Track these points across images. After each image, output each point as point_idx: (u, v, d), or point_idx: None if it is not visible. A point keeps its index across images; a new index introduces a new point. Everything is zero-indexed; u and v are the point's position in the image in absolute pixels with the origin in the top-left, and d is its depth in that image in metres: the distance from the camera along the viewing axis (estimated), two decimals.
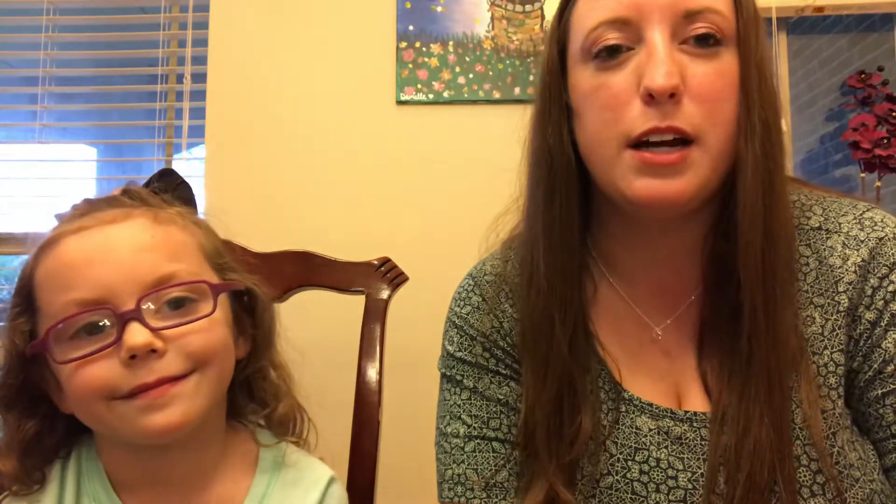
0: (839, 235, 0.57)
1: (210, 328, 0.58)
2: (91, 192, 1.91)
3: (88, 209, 0.60)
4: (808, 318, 0.55)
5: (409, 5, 1.62)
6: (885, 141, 1.62)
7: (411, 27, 1.61)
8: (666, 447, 0.56)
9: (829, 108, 1.94)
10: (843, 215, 0.58)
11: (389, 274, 1.01)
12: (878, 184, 1.66)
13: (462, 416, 0.64)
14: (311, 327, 1.50)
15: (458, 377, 0.66)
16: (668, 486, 0.56)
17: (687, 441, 0.56)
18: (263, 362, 0.67)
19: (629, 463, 0.57)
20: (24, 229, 1.75)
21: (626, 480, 0.57)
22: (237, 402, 0.67)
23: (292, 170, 1.61)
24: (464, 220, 1.52)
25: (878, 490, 0.53)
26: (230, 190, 1.60)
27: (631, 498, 0.56)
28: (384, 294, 1.00)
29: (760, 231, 0.53)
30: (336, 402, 1.07)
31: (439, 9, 1.61)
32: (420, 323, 1.09)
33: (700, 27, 0.52)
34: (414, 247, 1.46)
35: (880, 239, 0.56)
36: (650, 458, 0.56)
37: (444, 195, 1.58)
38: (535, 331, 0.60)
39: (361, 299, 1.01)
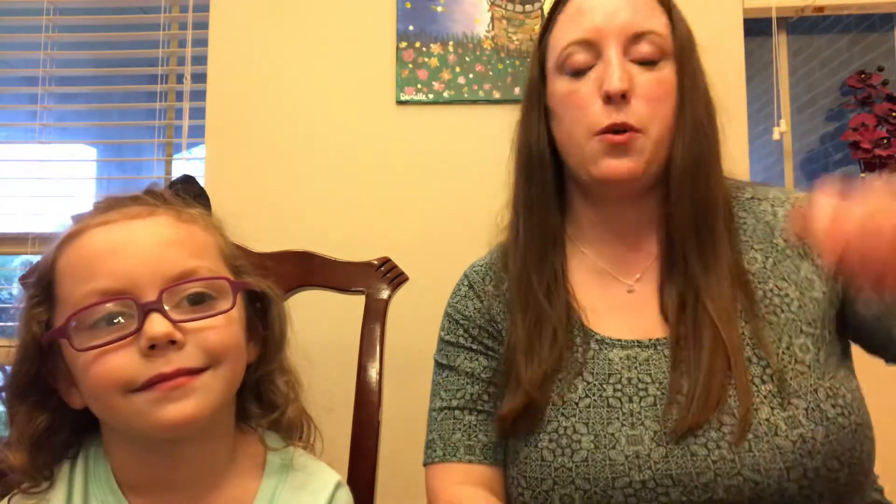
0: (767, 201, 0.75)
1: (227, 325, 0.59)
2: (91, 192, 1.92)
3: (112, 205, 0.61)
4: (752, 259, 0.71)
5: (409, 5, 1.62)
6: (885, 141, 1.62)
7: (411, 27, 1.61)
8: (636, 368, 0.69)
9: (829, 108, 1.94)
10: (768, 190, 0.76)
11: (389, 274, 1.01)
12: None
13: (440, 393, 0.78)
14: (311, 327, 1.49)
15: (443, 360, 0.80)
16: (640, 395, 0.68)
17: (653, 361, 0.69)
18: (273, 366, 0.67)
19: (604, 385, 0.69)
20: (24, 229, 1.75)
21: (603, 398, 0.68)
22: (245, 405, 0.66)
23: (292, 169, 1.61)
24: (464, 220, 1.52)
25: (827, 386, 0.64)
26: (230, 190, 1.60)
27: (607, 411, 0.68)
28: (384, 294, 1.00)
29: (689, 198, 0.70)
30: (336, 402, 1.07)
31: (439, 9, 1.61)
32: (420, 323, 1.09)
33: (643, 47, 0.69)
34: (414, 247, 1.46)
35: (797, 197, 0.75)
36: (622, 379, 0.69)
37: (444, 195, 1.58)
38: (519, 283, 0.75)
39: (361, 299, 1.01)
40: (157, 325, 0.54)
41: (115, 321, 0.55)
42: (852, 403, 0.64)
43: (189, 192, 0.67)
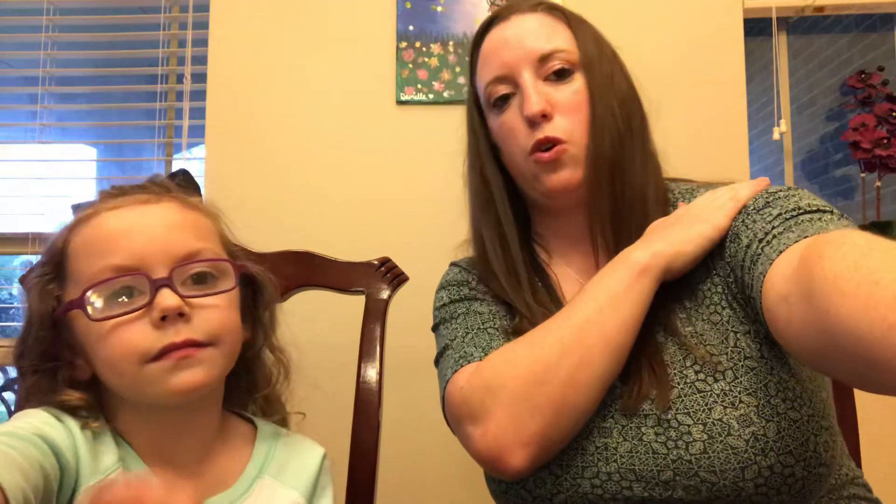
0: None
1: (227, 307, 0.64)
2: (91, 192, 1.92)
3: (121, 192, 0.66)
4: None
5: (409, 5, 1.62)
6: (885, 141, 1.62)
7: (411, 27, 1.61)
8: None
9: (829, 108, 1.94)
10: (714, 188, 0.75)
11: (389, 274, 1.01)
12: (878, 184, 1.66)
13: (462, 340, 0.75)
14: (311, 327, 1.50)
15: (449, 317, 0.80)
16: (609, 387, 0.69)
17: None
18: (264, 346, 0.73)
19: None
20: (24, 229, 1.75)
21: None
22: (237, 381, 0.71)
23: (292, 169, 1.61)
24: (464, 220, 1.52)
25: (776, 380, 0.64)
26: (230, 190, 1.60)
27: None
28: (384, 294, 1.00)
29: (606, 198, 0.74)
30: (336, 402, 1.07)
31: (439, 9, 1.61)
32: (420, 323, 1.09)
33: (553, 65, 0.75)
34: (414, 247, 1.46)
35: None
36: None
37: (444, 195, 1.58)
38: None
39: (361, 299, 1.01)
40: (168, 298, 0.59)
41: (129, 294, 0.60)
42: (802, 395, 0.64)
43: (191, 185, 0.73)
